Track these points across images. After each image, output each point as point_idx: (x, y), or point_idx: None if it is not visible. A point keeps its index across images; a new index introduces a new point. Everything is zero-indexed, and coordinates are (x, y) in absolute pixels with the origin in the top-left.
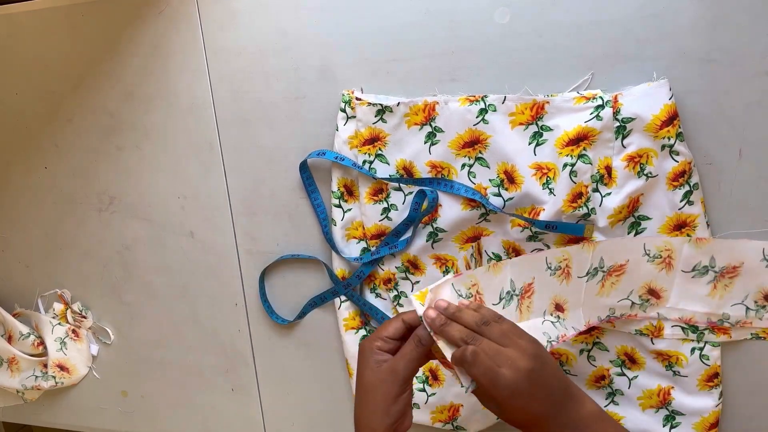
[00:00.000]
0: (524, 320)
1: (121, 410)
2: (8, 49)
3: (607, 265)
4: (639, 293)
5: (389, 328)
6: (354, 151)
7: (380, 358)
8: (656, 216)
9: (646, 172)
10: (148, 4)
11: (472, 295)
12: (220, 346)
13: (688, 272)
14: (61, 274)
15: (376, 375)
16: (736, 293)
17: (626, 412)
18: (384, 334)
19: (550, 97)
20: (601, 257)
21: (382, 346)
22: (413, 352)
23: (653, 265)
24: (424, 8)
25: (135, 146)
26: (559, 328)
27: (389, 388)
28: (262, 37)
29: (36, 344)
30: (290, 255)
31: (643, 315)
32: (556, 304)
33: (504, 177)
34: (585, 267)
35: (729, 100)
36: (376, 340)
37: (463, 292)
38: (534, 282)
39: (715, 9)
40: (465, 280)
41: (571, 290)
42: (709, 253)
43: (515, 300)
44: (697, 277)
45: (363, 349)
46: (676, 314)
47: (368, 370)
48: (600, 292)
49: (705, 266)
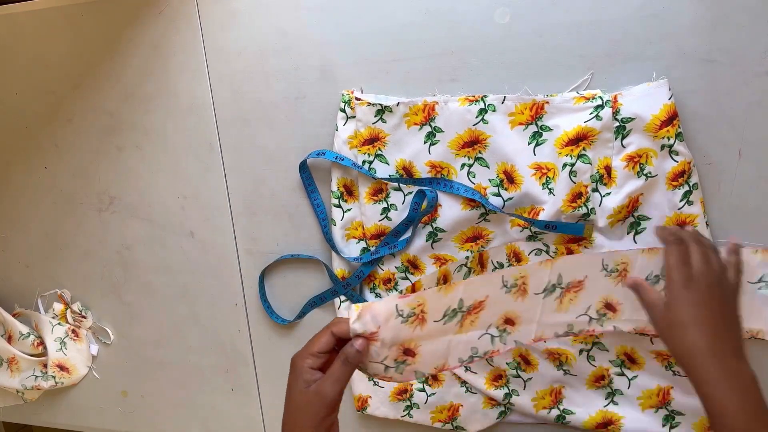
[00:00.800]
0: (461, 333)
1: (121, 410)
2: (8, 49)
3: (565, 282)
4: (596, 308)
5: (319, 343)
6: (354, 151)
7: (309, 378)
8: (656, 216)
9: (645, 172)
10: (148, 4)
11: (415, 314)
12: (220, 346)
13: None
14: (61, 274)
15: (304, 396)
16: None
17: (626, 412)
18: (315, 350)
19: (550, 97)
20: (559, 273)
21: (312, 363)
22: (339, 372)
23: (610, 279)
24: (424, 8)
25: (135, 146)
26: (496, 344)
27: (316, 411)
28: (262, 37)
29: (36, 344)
30: (290, 255)
31: (600, 329)
32: (506, 319)
33: (504, 177)
34: (542, 284)
35: (729, 100)
36: (307, 358)
37: (406, 312)
38: (486, 300)
39: (715, 9)
40: (411, 301)
41: (527, 306)
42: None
43: (459, 316)
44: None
45: (294, 367)
46: (630, 325)
47: (296, 391)
48: (559, 308)
49: (656, 275)
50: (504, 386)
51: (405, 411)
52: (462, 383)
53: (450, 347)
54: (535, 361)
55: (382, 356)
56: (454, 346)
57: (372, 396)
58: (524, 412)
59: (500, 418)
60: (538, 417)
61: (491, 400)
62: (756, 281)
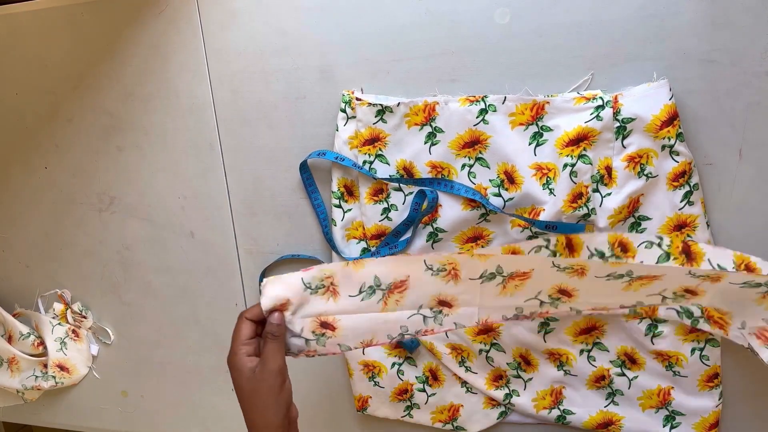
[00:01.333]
0: (387, 311)
1: (121, 410)
2: (8, 49)
3: (507, 272)
4: (548, 293)
5: (241, 333)
6: (354, 152)
7: (251, 365)
8: (656, 216)
9: (646, 173)
10: (148, 4)
11: (324, 286)
12: (220, 346)
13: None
14: (61, 274)
15: (255, 380)
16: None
17: (626, 412)
18: (242, 339)
19: (551, 98)
20: (498, 265)
21: (247, 351)
22: (271, 347)
23: (564, 274)
24: (424, 8)
25: (135, 146)
26: (429, 323)
27: (270, 385)
28: (262, 37)
29: (36, 344)
30: (290, 255)
31: (554, 310)
32: (440, 301)
33: (504, 177)
34: (478, 271)
35: (729, 100)
36: (237, 352)
37: (314, 284)
38: (408, 279)
39: (715, 9)
40: (316, 273)
41: (463, 290)
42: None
43: (379, 294)
44: (611, 280)
45: (232, 365)
46: (589, 306)
47: (244, 380)
48: (503, 293)
49: (621, 274)
50: (504, 386)
51: (405, 411)
52: (462, 383)
53: (375, 324)
54: (535, 361)
55: (299, 327)
56: (381, 323)
57: (372, 396)
58: (525, 412)
59: (501, 418)
60: (539, 417)
61: (491, 401)
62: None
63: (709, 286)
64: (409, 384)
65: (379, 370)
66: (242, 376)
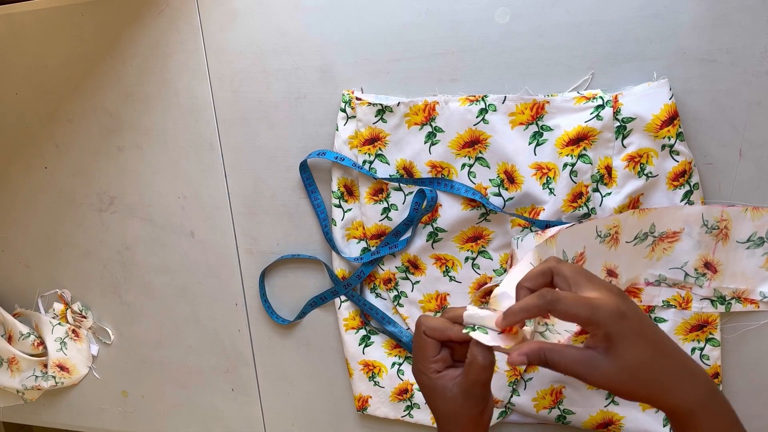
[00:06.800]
0: None
1: (121, 410)
2: (8, 49)
3: (658, 231)
4: (694, 266)
5: (428, 351)
6: (354, 151)
7: (446, 384)
8: None
9: (646, 172)
10: (148, 4)
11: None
12: (220, 346)
13: (743, 243)
14: (61, 274)
15: (452, 403)
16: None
17: (626, 412)
18: (430, 357)
19: (551, 97)
20: (652, 223)
21: (438, 368)
22: (476, 372)
23: (711, 237)
24: (424, 8)
25: (135, 146)
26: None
27: (470, 410)
28: (262, 37)
29: (36, 344)
30: (290, 255)
31: (698, 291)
32: (608, 270)
33: (504, 177)
34: (634, 232)
35: (729, 100)
36: (428, 367)
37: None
38: (585, 251)
39: (715, 9)
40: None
41: (619, 254)
42: (765, 225)
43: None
44: (752, 248)
45: (426, 384)
46: (731, 289)
47: (440, 401)
48: (649, 256)
49: (760, 237)
50: (508, 385)
51: (405, 411)
52: None
53: None
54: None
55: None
56: None
57: (372, 396)
58: (525, 412)
59: (501, 418)
60: (539, 417)
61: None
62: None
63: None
64: (409, 384)
65: (379, 369)
66: (436, 396)
